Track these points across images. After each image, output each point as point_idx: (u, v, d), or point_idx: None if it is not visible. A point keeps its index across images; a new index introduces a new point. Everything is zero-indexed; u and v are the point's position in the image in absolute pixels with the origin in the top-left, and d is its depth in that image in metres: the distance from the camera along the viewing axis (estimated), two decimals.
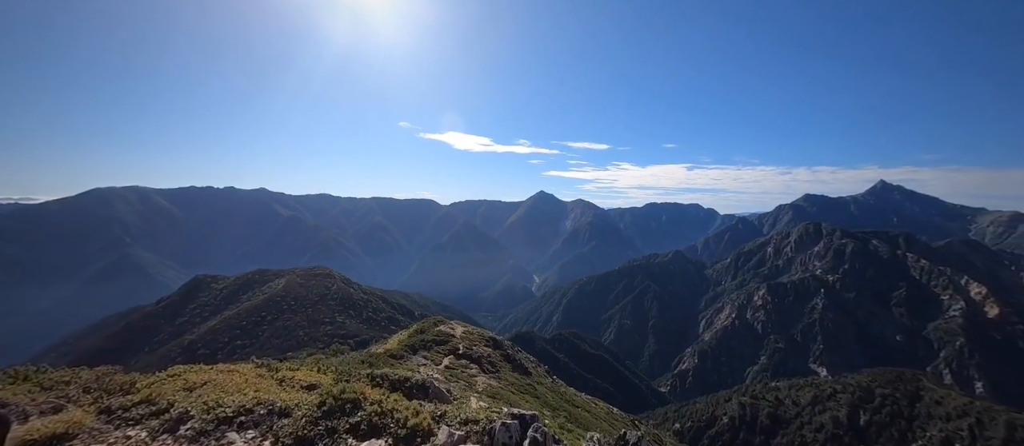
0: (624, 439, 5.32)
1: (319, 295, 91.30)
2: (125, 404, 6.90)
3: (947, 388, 65.32)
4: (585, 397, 37.23)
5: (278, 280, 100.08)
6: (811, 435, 58.61)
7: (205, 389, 8.21)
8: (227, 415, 6.19)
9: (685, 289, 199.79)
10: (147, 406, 6.81)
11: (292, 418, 6.17)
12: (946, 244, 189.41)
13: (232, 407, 6.37)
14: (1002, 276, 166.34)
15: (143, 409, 6.72)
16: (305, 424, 5.94)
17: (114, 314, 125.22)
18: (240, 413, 6.26)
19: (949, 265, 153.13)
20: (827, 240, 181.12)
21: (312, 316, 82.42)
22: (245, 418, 6.17)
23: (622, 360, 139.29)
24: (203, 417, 6.13)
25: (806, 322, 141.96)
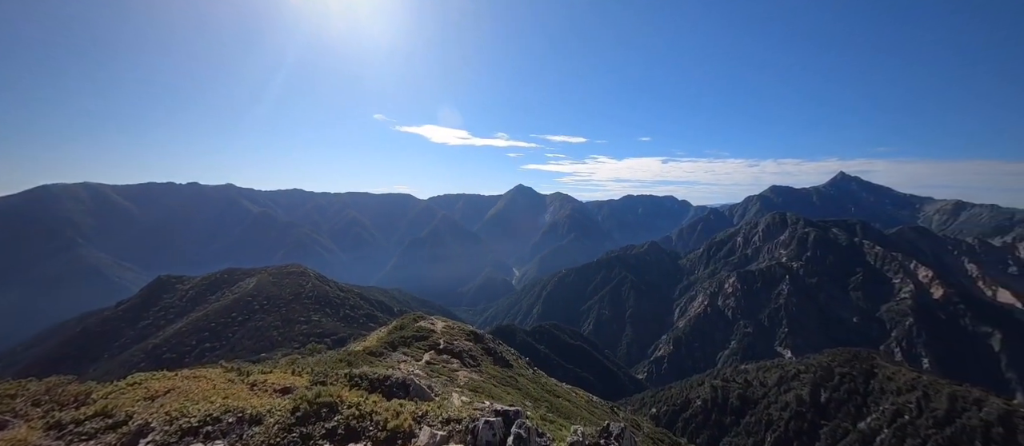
0: (607, 430, 5.37)
1: (293, 293, 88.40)
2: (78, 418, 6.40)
3: (898, 365, 70.23)
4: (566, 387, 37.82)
5: (249, 279, 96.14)
6: (777, 413, 61.90)
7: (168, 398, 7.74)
8: (192, 425, 5.83)
9: (660, 279, 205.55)
10: (103, 419, 6.33)
11: (264, 426, 5.88)
12: (897, 231, 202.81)
13: (198, 416, 6.00)
14: (946, 260, 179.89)
15: (98, 422, 6.25)
16: (278, 432, 5.67)
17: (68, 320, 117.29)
18: (206, 423, 5.91)
19: (900, 251, 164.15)
20: (792, 229, 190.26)
21: (286, 315, 79.80)
22: (212, 428, 5.83)
23: (601, 349, 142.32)
24: (165, 429, 5.75)
25: (773, 307, 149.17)
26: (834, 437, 55.45)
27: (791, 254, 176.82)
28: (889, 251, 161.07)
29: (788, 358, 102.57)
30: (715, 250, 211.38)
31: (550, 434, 6.96)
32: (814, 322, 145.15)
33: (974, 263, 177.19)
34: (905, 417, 52.13)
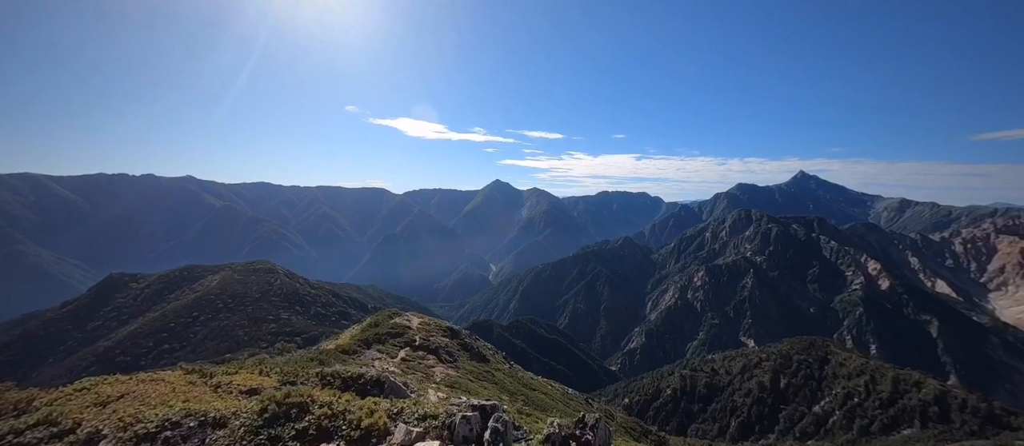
0: (583, 421, 5.47)
1: (260, 291, 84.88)
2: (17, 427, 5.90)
3: (849, 351, 75.34)
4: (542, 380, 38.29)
5: (212, 277, 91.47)
6: (741, 399, 65.17)
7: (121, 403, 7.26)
8: (149, 431, 5.49)
9: (634, 273, 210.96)
10: (47, 428, 5.86)
11: (229, 429, 5.62)
12: (850, 227, 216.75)
13: (155, 422, 5.66)
14: (892, 254, 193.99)
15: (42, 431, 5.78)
16: (244, 435, 5.43)
17: (6, 321, 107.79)
18: (165, 428, 5.58)
19: (852, 245, 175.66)
20: (756, 225, 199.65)
21: (253, 314, 76.59)
22: (171, 433, 5.51)
23: (576, 343, 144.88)
24: (118, 436, 5.39)
25: (738, 299, 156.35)
26: (792, 420, 58.96)
27: (755, 248, 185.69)
28: (843, 246, 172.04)
29: (752, 347, 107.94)
30: (685, 245, 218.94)
31: (527, 427, 7.03)
32: (775, 313, 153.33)
33: (916, 256, 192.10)
34: (855, 400, 56.07)
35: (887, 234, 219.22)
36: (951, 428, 48.16)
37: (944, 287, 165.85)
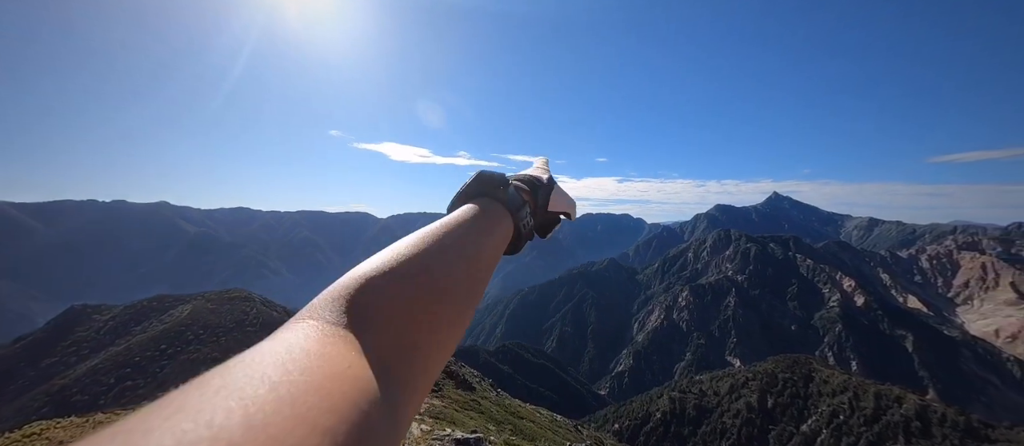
0: None
1: (235, 321, 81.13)
2: None
3: (831, 368, 76.40)
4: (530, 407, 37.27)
5: (182, 307, 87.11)
6: (730, 420, 64.78)
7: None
8: None
9: (620, 294, 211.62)
10: None
11: None
12: (824, 245, 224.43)
13: None
14: (864, 271, 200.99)
15: None
16: None
17: None
18: None
19: (827, 263, 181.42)
20: (735, 244, 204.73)
21: (226, 346, 72.79)
22: None
23: (564, 367, 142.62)
24: None
25: (722, 318, 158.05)
26: (781, 440, 58.78)
27: (736, 267, 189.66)
28: (818, 264, 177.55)
29: (737, 366, 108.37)
30: (669, 265, 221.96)
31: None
32: (758, 331, 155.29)
33: (887, 273, 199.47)
34: (840, 417, 56.50)
35: (858, 252, 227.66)
36: (933, 443, 48.85)
37: (915, 302, 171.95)
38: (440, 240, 0.40)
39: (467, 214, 0.42)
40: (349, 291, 0.42)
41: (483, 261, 0.40)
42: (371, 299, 0.43)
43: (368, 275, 0.42)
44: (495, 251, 0.41)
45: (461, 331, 0.43)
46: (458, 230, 0.40)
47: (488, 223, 0.40)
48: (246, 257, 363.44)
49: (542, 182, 0.49)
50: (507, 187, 0.40)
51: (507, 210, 0.40)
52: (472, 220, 0.40)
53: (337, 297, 0.42)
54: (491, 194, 0.40)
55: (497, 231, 0.40)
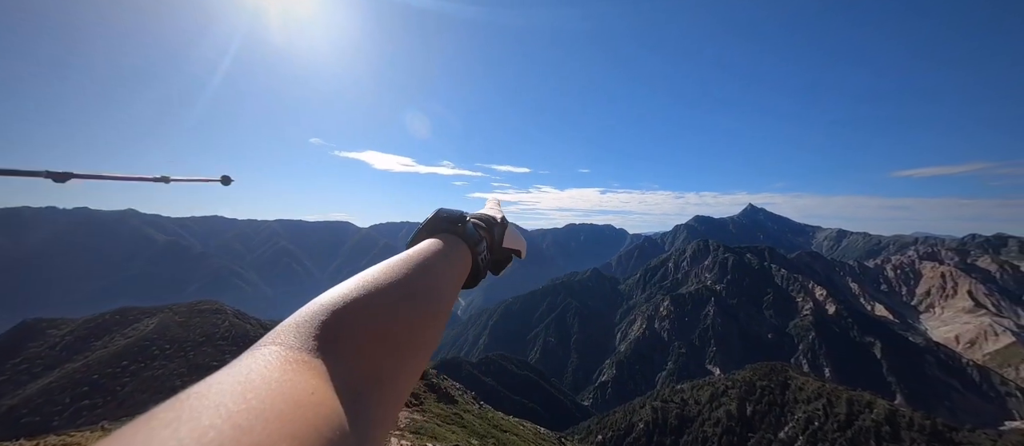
0: None
1: (205, 334, 77.52)
2: None
3: (806, 375, 78.51)
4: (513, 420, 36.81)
5: (148, 320, 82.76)
6: (711, 429, 65.49)
7: None
8: None
9: (603, 304, 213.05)
10: None
11: None
12: (797, 256, 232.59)
13: None
14: (835, 280, 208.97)
15: None
16: None
17: None
18: None
19: (800, 273, 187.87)
20: (714, 255, 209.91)
21: (194, 361, 69.39)
22: None
23: (548, 378, 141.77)
24: None
25: (702, 327, 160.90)
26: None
27: (714, 277, 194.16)
28: (792, 273, 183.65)
29: (717, 375, 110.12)
30: (650, 275, 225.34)
31: None
32: (736, 340, 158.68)
33: (856, 282, 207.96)
34: (816, 424, 57.91)
35: (829, 261, 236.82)
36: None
37: (882, 310, 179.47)
38: (406, 271, 0.46)
39: (431, 247, 0.44)
40: (315, 318, 0.45)
41: (447, 292, 0.45)
42: (340, 326, 0.42)
43: (336, 302, 0.45)
44: (456, 283, 0.46)
45: (427, 357, 0.46)
46: (423, 262, 0.45)
47: (450, 256, 0.46)
48: (219, 268, 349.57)
49: (497, 221, 0.53)
50: (466, 223, 0.46)
51: (466, 245, 0.46)
52: (435, 252, 0.45)
53: (302, 323, 0.45)
54: (451, 230, 0.46)
55: (458, 264, 0.46)
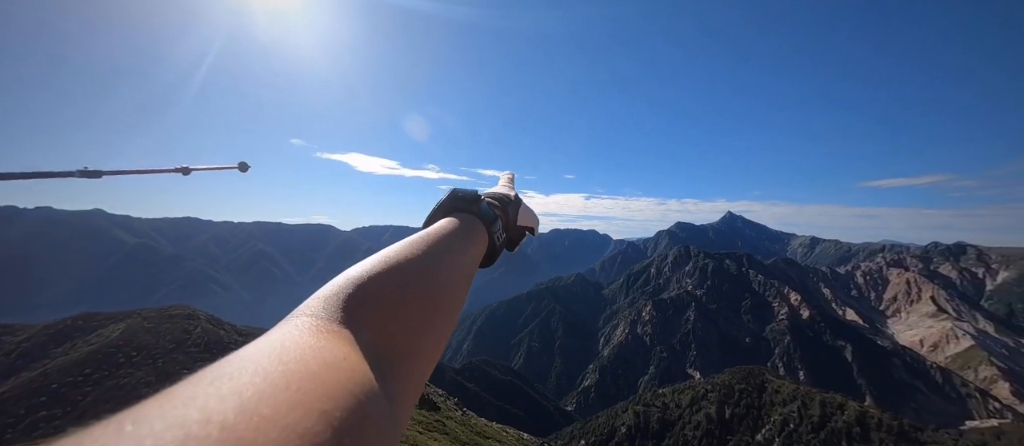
0: None
1: (175, 341, 74.12)
2: None
3: (782, 378, 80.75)
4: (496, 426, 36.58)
5: (113, 326, 78.76)
6: (691, 432, 66.52)
7: None
8: None
9: (586, 309, 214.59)
10: None
11: None
12: (773, 262, 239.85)
13: None
14: (808, 286, 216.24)
15: None
16: None
17: None
18: None
19: (776, 278, 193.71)
20: (694, 261, 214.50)
21: (164, 368, 66.27)
22: None
23: (531, 383, 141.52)
24: None
25: (683, 332, 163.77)
26: None
27: (695, 283, 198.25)
28: (769, 279, 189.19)
29: (698, 379, 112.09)
30: (633, 280, 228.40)
31: None
32: (716, 344, 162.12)
33: (828, 288, 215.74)
34: (791, 425, 59.52)
35: (803, 268, 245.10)
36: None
37: (852, 315, 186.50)
38: (428, 247, 0.47)
39: (448, 226, 0.45)
40: (343, 291, 0.47)
41: (466, 269, 0.48)
42: (366, 300, 0.44)
43: (362, 277, 0.47)
44: (474, 261, 0.48)
45: (447, 336, 0.47)
46: (443, 240, 0.47)
47: (467, 234, 0.47)
48: (192, 271, 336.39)
49: (511, 199, 0.54)
50: (480, 202, 0.47)
51: (482, 223, 0.47)
52: (453, 231, 0.47)
53: (330, 296, 0.47)
54: (466, 209, 0.47)
55: (475, 242, 0.48)
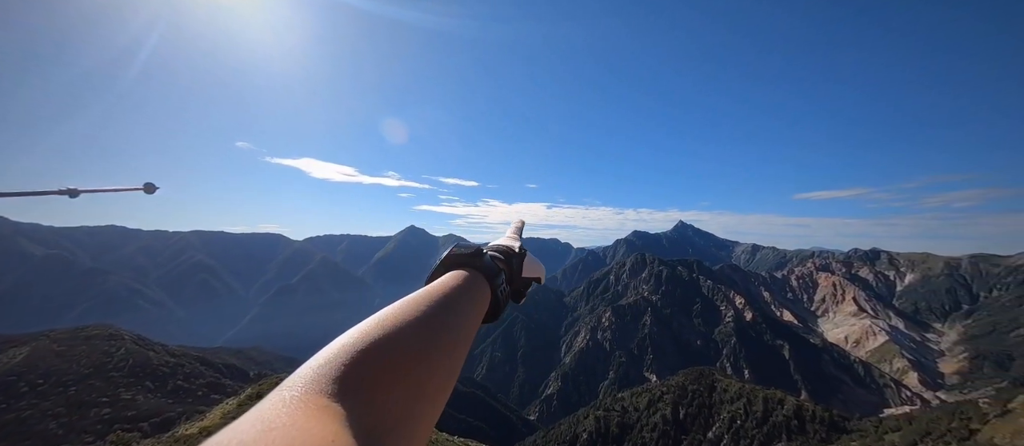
0: None
1: (93, 365, 65.85)
2: None
3: (729, 377, 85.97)
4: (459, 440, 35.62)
5: (15, 350, 68.63)
6: (649, 434, 68.76)
7: None
8: None
9: (549, 317, 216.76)
10: None
11: None
12: (719, 268, 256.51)
13: None
14: (751, 290, 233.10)
15: None
16: None
17: None
18: None
19: (723, 283, 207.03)
20: (650, 267, 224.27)
21: (77, 397, 58.48)
22: None
23: (494, 394, 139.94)
24: None
25: (640, 337, 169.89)
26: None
27: (650, 289, 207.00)
28: (717, 284, 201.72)
29: (654, 381, 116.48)
30: (594, 287, 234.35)
31: None
32: (671, 347, 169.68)
33: (768, 291, 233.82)
34: (738, 422, 63.27)
35: (746, 273, 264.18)
36: (807, 437, 56.90)
37: (789, 316, 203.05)
38: (426, 307, 0.48)
39: (448, 282, 0.46)
40: (335, 361, 0.46)
41: (465, 329, 0.49)
42: (358, 369, 0.42)
43: (354, 344, 0.46)
44: (476, 318, 0.49)
45: (445, 398, 0.48)
46: (442, 298, 0.48)
47: (468, 290, 0.48)
48: (115, 286, 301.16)
49: (515, 251, 0.58)
50: (483, 257, 0.49)
51: (485, 278, 0.50)
52: (453, 288, 0.48)
53: (321, 366, 0.46)
54: (469, 264, 0.49)
55: (477, 299, 0.49)
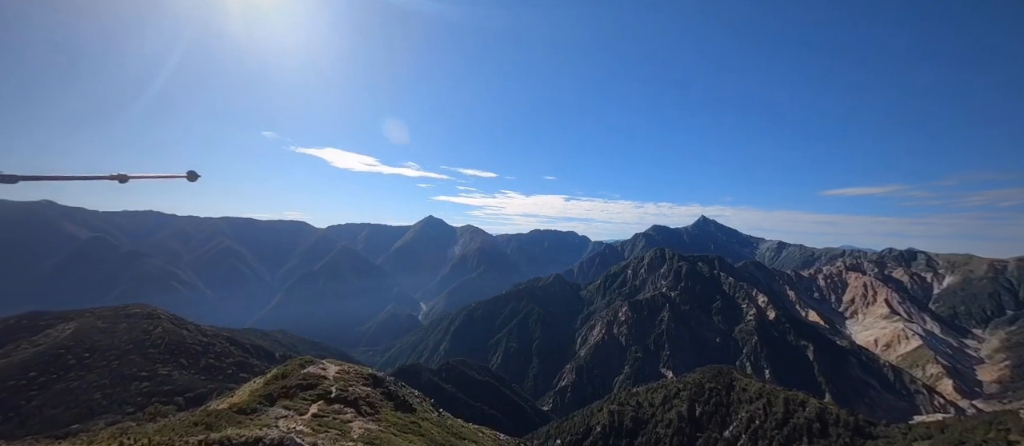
0: None
1: (133, 342, 70.33)
2: None
3: (749, 377, 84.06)
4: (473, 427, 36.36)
5: (63, 325, 73.87)
6: (663, 430, 68.21)
7: None
8: None
9: (564, 310, 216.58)
10: None
11: None
12: (742, 265, 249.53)
13: None
14: (775, 288, 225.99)
15: None
16: None
17: None
18: None
19: (745, 281, 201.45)
20: (669, 263, 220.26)
21: (118, 370, 62.66)
22: None
23: (508, 384, 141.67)
24: None
25: (657, 332, 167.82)
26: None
27: (669, 284, 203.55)
28: (738, 281, 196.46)
29: (670, 378, 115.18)
30: (610, 282, 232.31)
31: None
32: (688, 344, 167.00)
33: (792, 290, 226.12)
34: (756, 422, 61.94)
35: (770, 271, 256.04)
36: (829, 441, 55.25)
37: (815, 316, 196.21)
38: None
39: None
40: None
41: None
42: None
43: None
44: None
45: None
46: None
47: None
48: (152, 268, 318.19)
49: None
50: None
51: None
52: None
53: None
54: None
55: None
